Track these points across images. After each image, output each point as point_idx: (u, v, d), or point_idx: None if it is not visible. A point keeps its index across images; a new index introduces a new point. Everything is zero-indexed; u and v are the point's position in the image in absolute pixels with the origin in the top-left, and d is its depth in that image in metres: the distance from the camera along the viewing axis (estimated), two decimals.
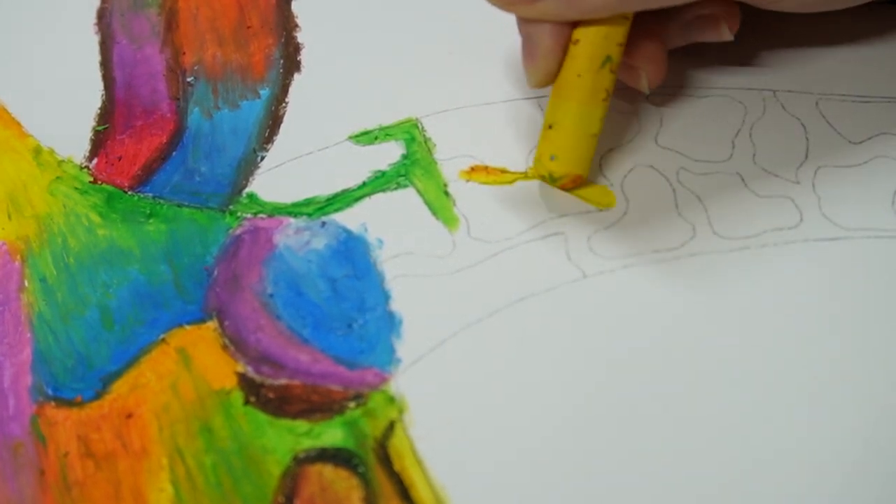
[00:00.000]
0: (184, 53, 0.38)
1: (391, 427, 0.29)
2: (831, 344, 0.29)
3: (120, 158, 0.35)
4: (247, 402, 0.29)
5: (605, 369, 0.29)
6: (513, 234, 0.32)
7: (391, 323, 0.30)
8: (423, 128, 0.35)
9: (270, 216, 0.33)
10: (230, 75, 0.37)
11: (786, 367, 0.28)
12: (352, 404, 0.29)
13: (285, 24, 0.39)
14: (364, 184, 0.34)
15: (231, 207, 0.34)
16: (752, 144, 0.33)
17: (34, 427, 0.30)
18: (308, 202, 0.33)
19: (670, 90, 0.35)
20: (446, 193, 0.33)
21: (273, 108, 0.36)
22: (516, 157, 0.34)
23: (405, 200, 0.33)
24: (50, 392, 0.30)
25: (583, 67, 0.30)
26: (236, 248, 0.32)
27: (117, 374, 0.30)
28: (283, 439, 0.29)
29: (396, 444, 0.28)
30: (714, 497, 0.27)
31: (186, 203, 0.34)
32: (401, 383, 0.29)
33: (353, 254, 0.32)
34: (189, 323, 0.31)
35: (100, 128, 0.36)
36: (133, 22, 0.39)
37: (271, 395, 0.29)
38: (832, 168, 0.32)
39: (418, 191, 0.33)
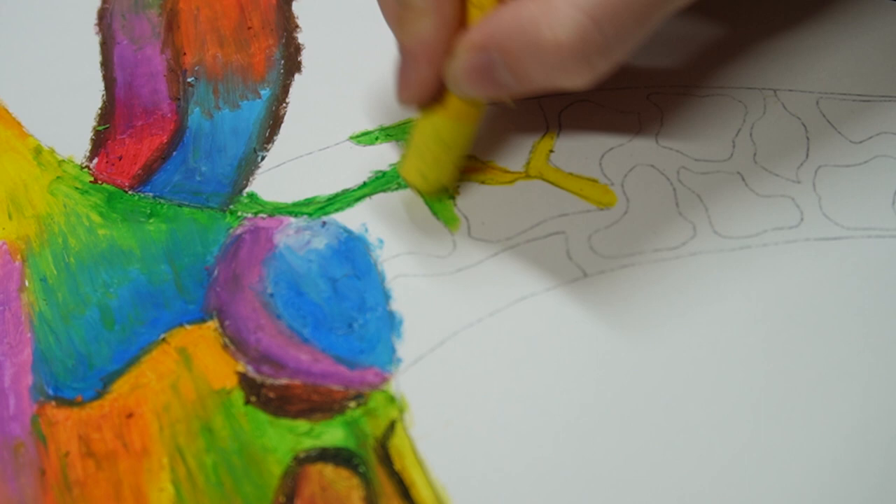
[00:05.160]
0: (184, 54, 0.38)
1: (392, 427, 0.29)
2: (832, 343, 0.29)
3: (120, 158, 0.35)
4: (247, 402, 0.29)
5: (606, 369, 0.29)
6: (513, 234, 0.32)
7: (392, 323, 0.30)
8: None
9: (271, 216, 0.33)
10: (231, 76, 0.37)
11: (786, 367, 0.28)
12: (352, 404, 0.29)
13: (286, 25, 0.39)
14: (364, 184, 0.34)
15: (231, 207, 0.34)
16: (753, 144, 0.33)
17: (35, 427, 0.30)
18: (308, 202, 0.33)
19: (671, 90, 0.35)
20: (447, 193, 0.33)
21: (273, 108, 0.36)
22: (516, 156, 0.34)
23: (406, 200, 0.33)
24: (50, 392, 0.30)
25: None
26: (237, 248, 0.32)
27: (118, 374, 0.30)
28: (283, 439, 0.29)
29: (397, 443, 0.28)
30: (714, 497, 0.27)
31: (187, 203, 0.34)
32: (401, 383, 0.29)
33: (353, 253, 0.32)
34: (189, 322, 0.31)
35: (100, 128, 0.36)
36: (134, 22, 0.39)
37: (272, 394, 0.29)
38: (833, 167, 0.32)
39: (419, 191, 0.33)
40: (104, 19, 0.40)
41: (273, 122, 0.36)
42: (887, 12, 0.35)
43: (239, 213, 0.33)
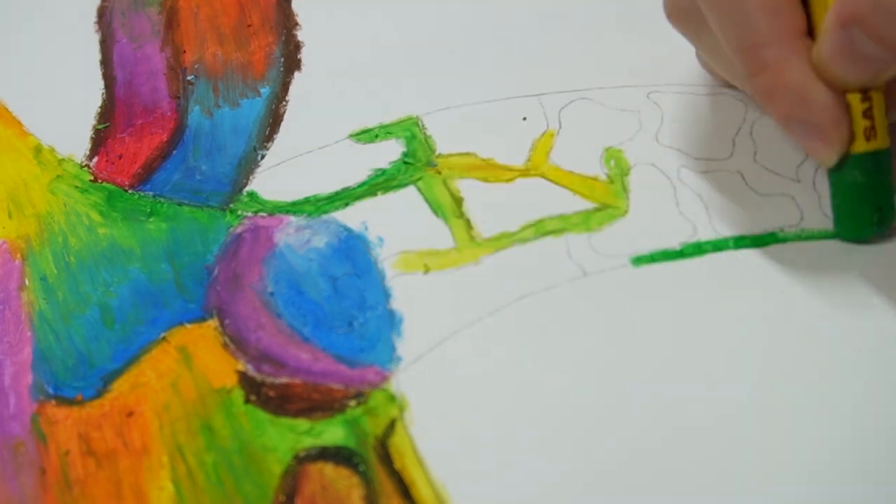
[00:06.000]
0: (184, 52, 0.38)
1: (392, 425, 0.29)
2: (832, 343, 0.29)
3: (120, 157, 0.35)
4: (247, 401, 0.29)
5: (605, 367, 0.29)
6: (513, 232, 0.32)
7: (392, 321, 0.30)
8: (423, 126, 0.35)
9: (271, 214, 0.33)
10: (231, 74, 0.37)
11: (786, 366, 0.28)
12: (352, 403, 0.29)
13: (286, 23, 0.39)
14: (364, 182, 0.34)
15: (232, 206, 0.34)
16: (753, 142, 0.33)
17: (35, 426, 0.30)
18: (308, 200, 0.33)
19: (671, 88, 0.35)
20: (447, 191, 0.33)
21: (273, 106, 0.36)
22: (516, 154, 0.34)
23: (406, 198, 0.33)
24: (50, 391, 0.30)
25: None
26: (237, 247, 0.32)
27: (118, 373, 0.30)
28: (283, 438, 0.29)
29: (397, 442, 0.28)
30: (715, 497, 0.27)
31: (187, 201, 0.34)
32: (401, 382, 0.29)
33: (353, 252, 0.32)
34: (190, 321, 0.31)
35: (100, 126, 0.36)
36: (134, 20, 0.39)
37: (272, 393, 0.29)
38: None
39: (419, 189, 0.33)
40: (104, 17, 0.40)
41: (273, 121, 0.36)
42: None
43: (239, 212, 0.33)
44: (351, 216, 0.33)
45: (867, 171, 0.29)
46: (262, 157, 0.35)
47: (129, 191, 0.34)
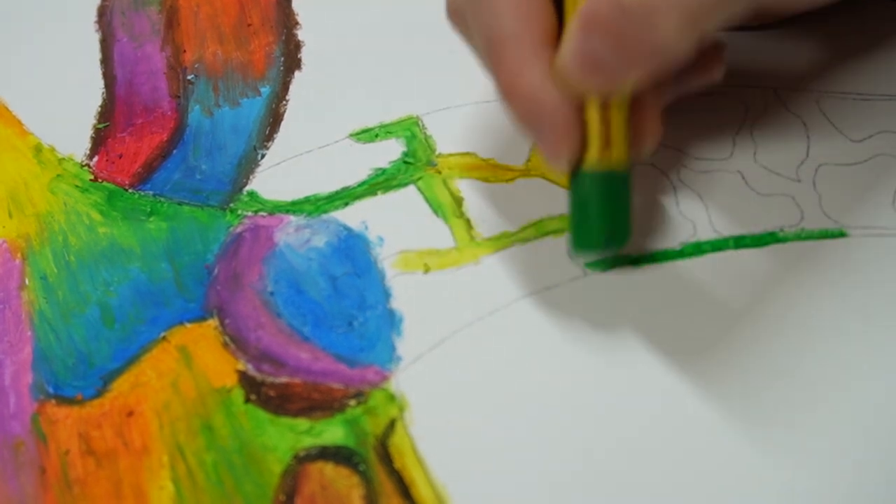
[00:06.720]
0: (184, 51, 0.38)
1: (392, 425, 0.29)
2: (832, 342, 0.29)
3: (120, 156, 0.35)
4: (247, 400, 0.29)
5: (605, 368, 0.29)
6: (513, 232, 0.32)
7: (392, 321, 0.30)
8: (423, 125, 0.35)
9: (271, 214, 0.33)
10: (231, 73, 0.37)
11: (786, 367, 0.28)
12: (352, 402, 0.29)
13: (286, 22, 0.39)
14: (364, 181, 0.34)
15: (232, 205, 0.34)
16: (753, 142, 0.33)
17: (35, 425, 0.30)
18: (308, 200, 0.33)
19: None
20: (447, 191, 0.33)
21: (274, 105, 0.36)
22: (516, 154, 0.34)
23: (406, 198, 0.33)
24: (51, 390, 0.30)
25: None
26: (237, 246, 0.32)
27: (118, 372, 0.30)
28: (283, 437, 0.29)
29: (397, 442, 0.28)
30: (714, 497, 0.27)
31: (187, 201, 0.34)
32: (401, 381, 0.29)
33: (353, 251, 0.32)
34: (190, 321, 0.31)
35: (100, 126, 0.36)
36: (134, 20, 0.39)
37: (272, 393, 0.29)
38: (833, 166, 0.32)
39: (419, 188, 0.33)
40: (104, 16, 0.40)
41: (273, 120, 0.36)
42: (887, 12, 0.35)
43: (239, 212, 0.33)
44: (351, 216, 0.33)
45: (598, 189, 0.28)
46: (262, 156, 0.35)
47: (130, 190, 0.34)
